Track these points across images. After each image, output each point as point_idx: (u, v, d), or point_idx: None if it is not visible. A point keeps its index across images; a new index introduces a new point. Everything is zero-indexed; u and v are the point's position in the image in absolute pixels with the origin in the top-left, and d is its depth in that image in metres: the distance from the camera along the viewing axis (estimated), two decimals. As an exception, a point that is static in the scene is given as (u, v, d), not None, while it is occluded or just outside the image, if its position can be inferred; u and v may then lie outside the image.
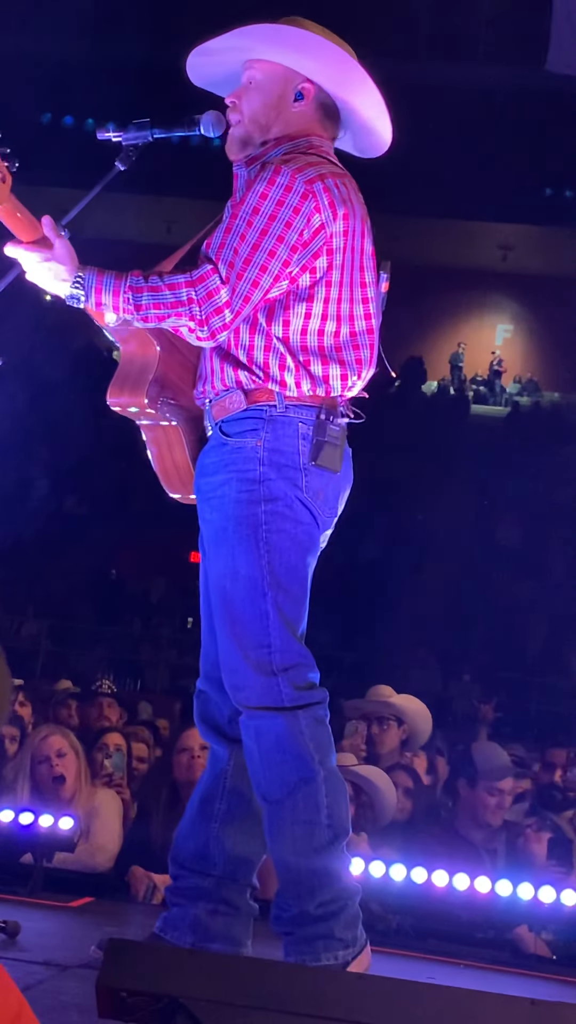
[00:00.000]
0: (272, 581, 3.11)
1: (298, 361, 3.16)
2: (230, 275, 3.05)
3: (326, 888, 3.04)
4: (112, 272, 3.09)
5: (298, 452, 3.15)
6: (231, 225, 3.10)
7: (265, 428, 3.15)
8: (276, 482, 3.13)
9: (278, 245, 3.08)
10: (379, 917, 4.43)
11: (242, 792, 3.27)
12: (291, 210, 3.09)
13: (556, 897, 4.51)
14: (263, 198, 3.09)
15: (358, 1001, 2.26)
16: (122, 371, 3.31)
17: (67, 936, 4.05)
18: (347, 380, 3.22)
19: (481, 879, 4.53)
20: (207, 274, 3.06)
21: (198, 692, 3.38)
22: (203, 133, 3.30)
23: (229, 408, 3.19)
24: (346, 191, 3.19)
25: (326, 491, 3.20)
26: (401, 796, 5.58)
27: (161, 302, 3.05)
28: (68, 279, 3.09)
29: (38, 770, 5.16)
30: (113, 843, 5.13)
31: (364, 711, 6.37)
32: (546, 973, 4.44)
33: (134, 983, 2.26)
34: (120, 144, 3.25)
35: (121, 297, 3.06)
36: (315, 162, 3.18)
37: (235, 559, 3.13)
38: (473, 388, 28.18)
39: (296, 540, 3.16)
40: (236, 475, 3.15)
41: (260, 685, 3.09)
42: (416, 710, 6.47)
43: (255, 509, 3.13)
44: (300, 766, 3.06)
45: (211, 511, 3.20)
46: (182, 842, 3.32)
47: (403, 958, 4.22)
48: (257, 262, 3.07)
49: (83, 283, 3.08)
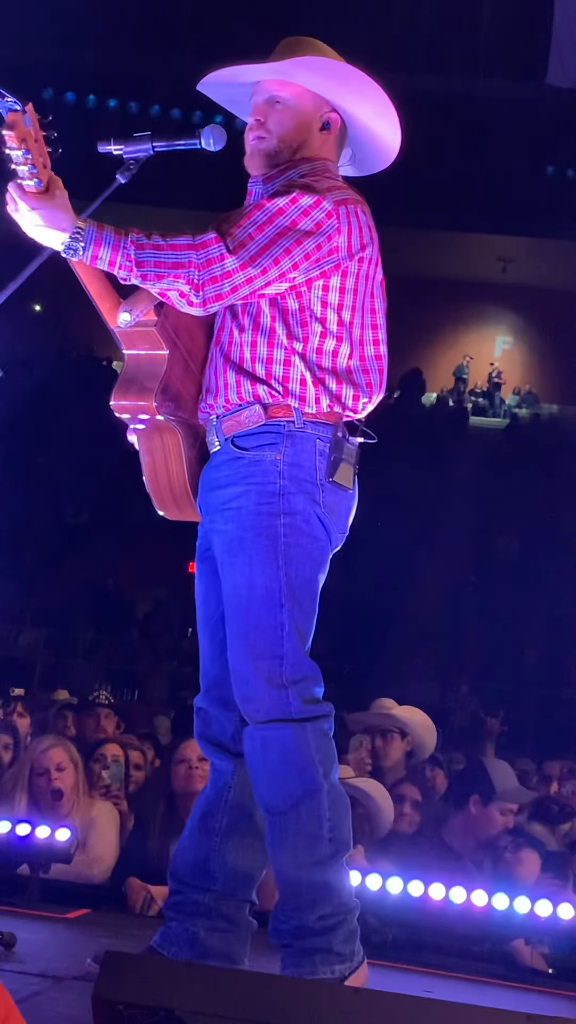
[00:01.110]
0: (289, 594, 3.11)
1: (316, 377, 3.17)
2: (242, 253, 3.04)
3: (326, 902, 3.03)
4: (112, 227, 3.04)
5: (315, 468, 3.16)
6: (252, 214, 3.10)
7: (284, 443, 3.15)
8: (296, 496, 3.13)
9: (295, 247, 3.09)
10: (375, 930, 4.42)
11: (244, 806, 3.26)
12: (313, 223, 3.11)
13: (552, 910, 4.50)
14: (292, 203, 3.11)
15: (355, 1015, 2.26)
16: (127, 374, 3.27)
17: (63, 948, 4.03)
18: (359, 400, 3.24)
19: (477, 892, 4.53)
20: (210, 241, 3.04)
21: (197, 709, 3.37)
22: (204, 147, 3.30)
23: (244, 423, 3.18)
24: (365, 219, 3.23)
25: (339, 508, 3.22)
26: (410, 809, 5.57)
27: (162, 260, 3.01)
28: (67, 229, 3.02)
29: (36, 782, 5.15)
30: (110, 855, 5.12)
31: (367, 724, 6.37)
32: (543, 987, 4.43)
33: (131, 996, 2.26)
34: (121, 157, 3.25)
35: (121, 252, 3.00)
36: (341, 186, 3.23)
37: (252, 569, 3.12)
38: (472, 400, 28.21)
39: (311, 556, 3.17)
40: (256, 487, 3.14)
41: (270, 696, 3.09)
42: (420, 722, 6.46)
43: (274, 521, 3.12)
44: (305, 778, 3.06)
45: (226, 522, 3.18)
46: (181, 857, 3.31)
47: (399, 971, 4.21)
48: (272, 254, 3.07)
49: (82, 235, 3.02)
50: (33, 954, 3.58)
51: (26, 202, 2.99)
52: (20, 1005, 2.05)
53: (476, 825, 5.47)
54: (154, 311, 3.19)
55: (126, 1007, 2.26)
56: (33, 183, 2.96)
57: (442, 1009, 2.34)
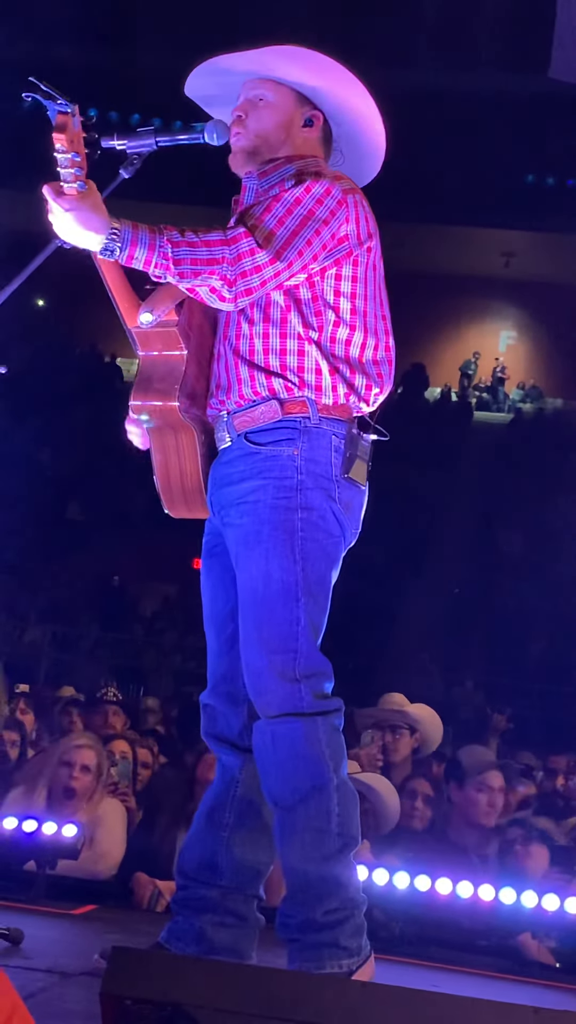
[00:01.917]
0: (305, 588, 3.12)
1: (332, 366, 3.19)
2: (270, 248, 3.06)
3: (333, 896, 3.04)
4: (146, 226, 3.04)
5: (331, 464, 3.17)
6: (271, 207, 3.11)
7: (301, 438, 3.16)
8: (313, 491, 3.14)
9: (314, 237, 3.12)
10: (382, 924, 4.43)
11: (252, 802, 3.26)
12: (328, 211, 3.15)
13: (560, 905, 4.51)
14: (306, 191, 3.14)
15: (362, 1010, 2.26)
16: (146, 374, 3.27)
17: (70, 943, 4.05)
18: (371, 391, 3.26)
19: (484, 887, 4.54)
20: (240, 236, 3.05)
21: (204, 706, 3.37)
22: (206, 141, 3.30)
23: (259, 419, 3.18)
24: (367, 210, 3.26)
25: (353, 505, 3.23)
26: (421, 804, 5.58)
27: (198, 257, 3.02)
28: (102, 231, 3.01)
29: (58, 772, 5.17)
30: (116, 851, 5.13)
31: (377, 719, 6.38)
32: (550, 981, 4.44)
33: (138, 991, 2.26)
34: (124, 152, 3.25)
35: (157, 251, 3.00)
36: (342, 176, 3.26)
37: (269, 563, 3.12)
38: (476, 395, 28.18)
39: (326, 552, 3.18)
40: (273, 481, 3.15)
41: (282, 691, 3.09)
42: (429, 719, 6.50)
43: (292, 516, 3.13)
44: (314, 773, 3.06)
45: (241, 516, 3.18)
46: (189, 852, 3.32)
47: (406, 965, 4.22)
48: (296, 246, 3.09)
49: (119, 235, 3.01)
50: (40, 950, 3.59)
51: (61, 204, 2.98)
52: (27, 1001, 2.06)
53: (467, 813, 5.47)
54: (175, 310, 3.19)
55: (134, 1002, 2.26)
56: (76, 185, 2.96)
57: (449, 1003, 2.35)
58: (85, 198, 2.98)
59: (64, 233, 3.04)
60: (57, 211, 3.00)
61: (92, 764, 5.19)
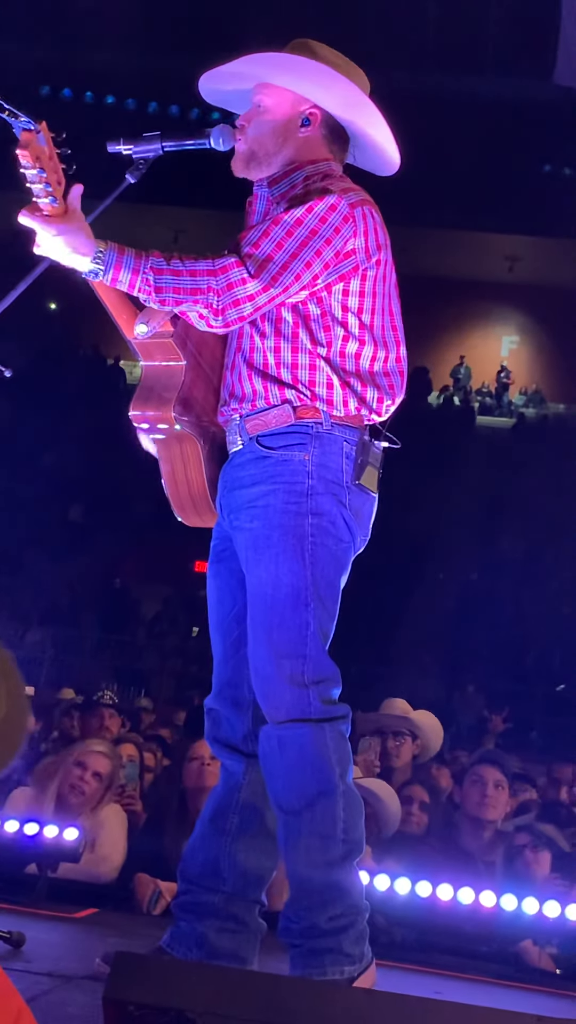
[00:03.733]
0: (314, 593, 3.13)
1: (342, 380, 3.20)
2: (264, 276, 3.07)
3: (337, 902, 3.04)
4: (132, 250, 3.08)
5: (343, 470, 3.18)
6: (270, 230, 3.12)
7: (313, 443, 3.17)
8: (323, 497, 3.15)
9: (315, 258, 3.12)
10: (383, 930, 4.42)
11: (256, 807, 3.26)
12: (332, 229, 3.13)
13: (561, 911, 4.50)
14: (308, 211, 3.13)
15: (364, 1016, 2.26)
16: (145, 385, 3.30)
17: (71, 947, 4.04)
18: (382, 403, 3.27)
19: (486, 893, 4.53)
20: (231, 266, 3.07)
21: (208, 710, 3.37)
22: (212, 146, 3.31)
23: (271, 422, 3.19)
24: (378, 220, 3.25)
25: (363, 511, 3.24)
26: (417, 810, 5.58)
27: (180, 286, 3.05)
28: (87, 253, 3.05)
29: (70, 771, 5.17)
30: (118, 854, 5.12)
31: (380, 724, 6.39)
32: (551, 987, 4.43)
33: (141, 996, 2.26)
34: (131, 156, 3.26)
35: (140, 276, 3.04)
36: (352, 187, 3.24)
37: (279, 567, 3.13)
38: (479, 399, 28.18)
39: (336, 557, 3.18)
40: (284, 486, 3.15)
41: (291, 695, 3.09)
42: (431, 726, 6.51)
43: (302, 521, 3.14)
44: (321, 779, 3.06)
45: (251, 519, 3.19)
46: (192, 857, 3.32)
47: (408, 972, 4.21)
48: (293, 270, 3.10)
49: (103, 258, 3.05)
50: (41, 953, 3.59)
51: (47, 229, 3.02)
52: (29, 1005, 2.05)
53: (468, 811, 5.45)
54: (170, 322, 3.20)
55: (137, 1007, 2.26)
56: (48, 201, 3.00)
57: (451, 1010, 2.34)
58: (70, 220, 3.03)
59: (51, 255, 3.09)
60: (43, 236, 3.05)
61: (104, 772, 5.19)
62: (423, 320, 24.53)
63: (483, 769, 5.48)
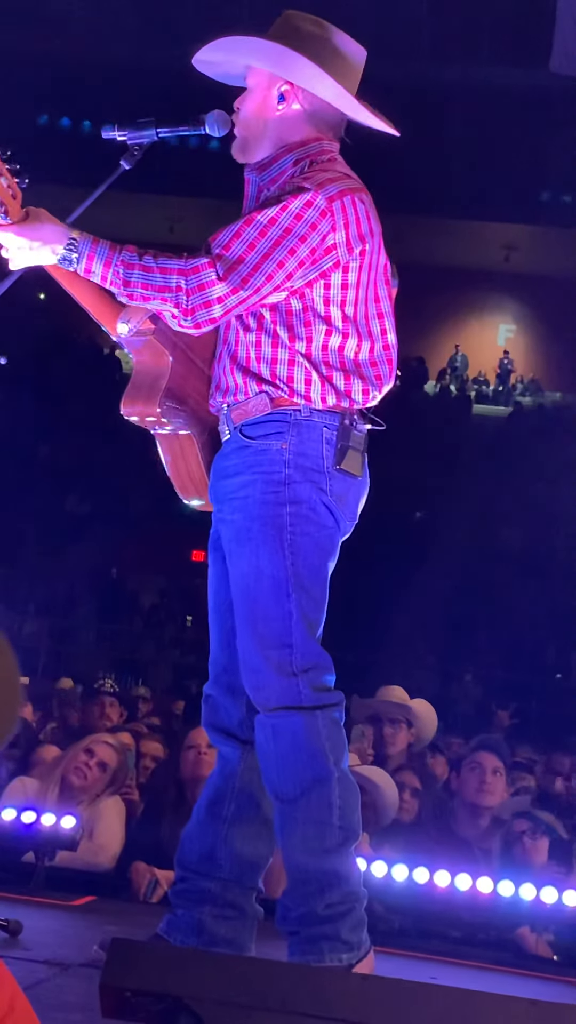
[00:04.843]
0: (296, 583, 3.12)
1: (321, 375, 3.17)
2: (233, 277, 3.04)
3: (334, 889, 3.04)
4: (107, 242, 3.08)
5: (322, 456, 3.16)
6: (241, 231, 3.08)
7: (291, 431, 3.16)
8: (301, 485, 3.14)
9: (288, 257, 3.08)
10: (381, 917, 4.43)
11: (252, 794, 3.26)
12: (308, 225, 3.09)
13: (558, 898, 4.51)
14: (283, 210, 3.09)
15: (362, 1002, 2.26)
16: (135, 381, 3.30)
17: (69, 935, 4.04)
18: (368, 393, 3.24)
19: (483, 879, 4.53)
20: (202, 267, 3.05)
21: (206, 697, 3.38)
22: (208, 132, 3.30)
23: (252, 411, 3.19)
24: (364, 208, 3.19)
25: (348, 495, 3.22)
26: (408, 797, 5.59)
27: (149, 283, 3.04)
28: (60, 240, 3.06)
29: (76, 756, 5.19)
30: (115, 842, 5.13)
31: (376, 711, 6.39)
32: (548, 974, 4.43)
33: (138, 983, 2.26)
34: (125, 143, 3.25)
35: (112, 268, 3.04)
36: (336, 177, 3.18)
37: (259, 559, 3.13)
38: (475, 388, 28.18)
39: (319, 543, 3.17)
40: (261, 476, 3.15)
41: (280, 685, 3.09)
42: (427, 713, 6.51)
43: (280, 511, 3.13)
44: (315, 765, 3.06)
45: (233, 511, 3.19)
46: (188, 844, 3.32)
47: (405, 958, 4.22)
48: (265, 271, 3.07)
49: (76, 246, 3.06)
50: (39, 941, 3.59)
51: (6, 231, 3.05)
52: (26, 992, 2.05)
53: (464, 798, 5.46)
54: (151, 319, 3.20)
55: (133, 994, 2.26)
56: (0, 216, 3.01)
57: (448, 995, 2.35)
58: (31, 220, 3.05)
59: (18, 257, 3.10)
60: (5, 240, 3.07)
61: (110, 764, 5.20)
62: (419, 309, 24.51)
63: (481, 756, 5.49)
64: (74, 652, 15.79)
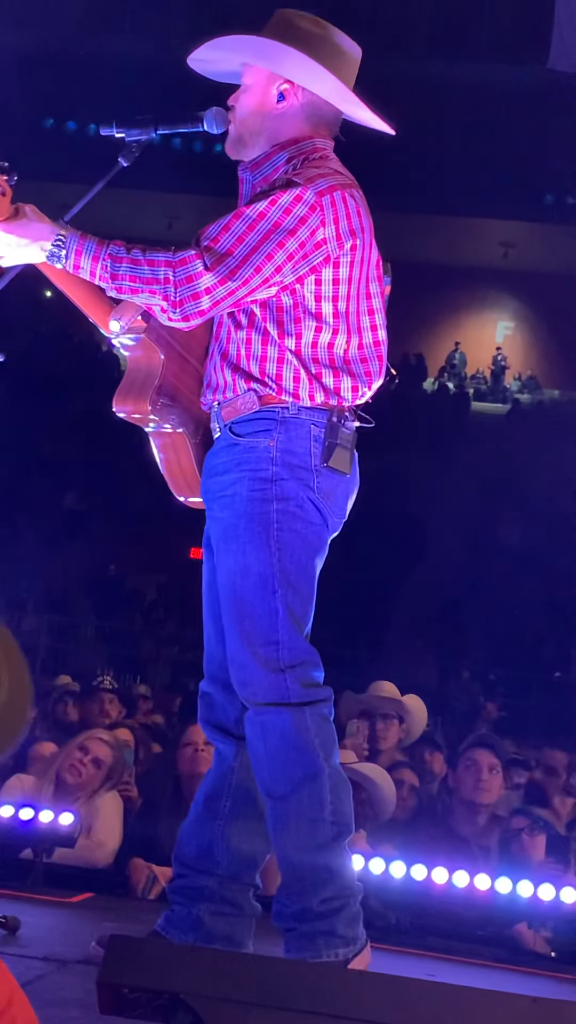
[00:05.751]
0: (282, 579, 3.12)
1: (311, 373, 3.18)
2: (220, 268, 3.04)
3: (329, 885, 3.04)
4: (95, 238, 3.09)
5: (310, 453, 3.17)
6: (230, 224, 3.09)
7: (278, 429, 3.16)
8: (288, 482, 3.14)
9: (277, 251, 3.08)
10: (378, 914, 4.43)
11: (248, 790, 3.27)
12: (297, 220, 3.09)
13: (555, 894, 4.51)
14: (272, 204, 3.09)
15: (359, 998, 2.26)
16: (128, 379, 3.31)
17: (67, 932, 4.05)
18: (358, 391, 3.25)
19: (481, 876, 4.54)
20: (190, 258, 3.05)
21: (202, 694, 3.38)
22: (206, 129, 3.30)
23: (240, 409, 3.19)
24: (354, 204, 3.19)
25: (336, 493, 3.22)
26: (405, 793, 5.59)
27: (138, 276, 3.05)
28: (47, 237, 3.08)
29: (71, 753, 5.19)
30: (113, 839, 5.13)
31: (368, 706, 6.39)
32: (545, 970, 4.44)
33: (135, 979, 2.26)
34: (123, 140, 3.25)
35: (100, 263, 3.05)
36: (326, 173, 3.18)
37: (246, 556, 3.14)
38: (474, 385, 28.18)
39: (306, 540, 3.17)
40: (248, 474, 3.16)
41: (268, 681, 3.10)
42: (418, 709, 6.51)
43: (267, 508, 3.14)
44: (305, 762, 3.07)
45: (221, 509, 3.20)
46: (186, 841, 3.32)
47: (403, 955, 4.23)
48: (253, 263, 3.07)
49: (64, 243, 3.07)
50: (37, 938, 3.60)
51: (3, 238, 3.06)
52: (24, 989, 2.05)
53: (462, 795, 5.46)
54: (143, 317, 3.20)
55: (131, 990, 2.26)
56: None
57: (445, 992, 2.35)
58: (18, 216, 3.07)
59: (7, 255, 3.12)
60: (7, 242, 3.08)
61: (105, 761, 5.20)
62: (418, 306, 24.54)
63: (477, 753, 5.49)
64: (73, 649, 15.77)
